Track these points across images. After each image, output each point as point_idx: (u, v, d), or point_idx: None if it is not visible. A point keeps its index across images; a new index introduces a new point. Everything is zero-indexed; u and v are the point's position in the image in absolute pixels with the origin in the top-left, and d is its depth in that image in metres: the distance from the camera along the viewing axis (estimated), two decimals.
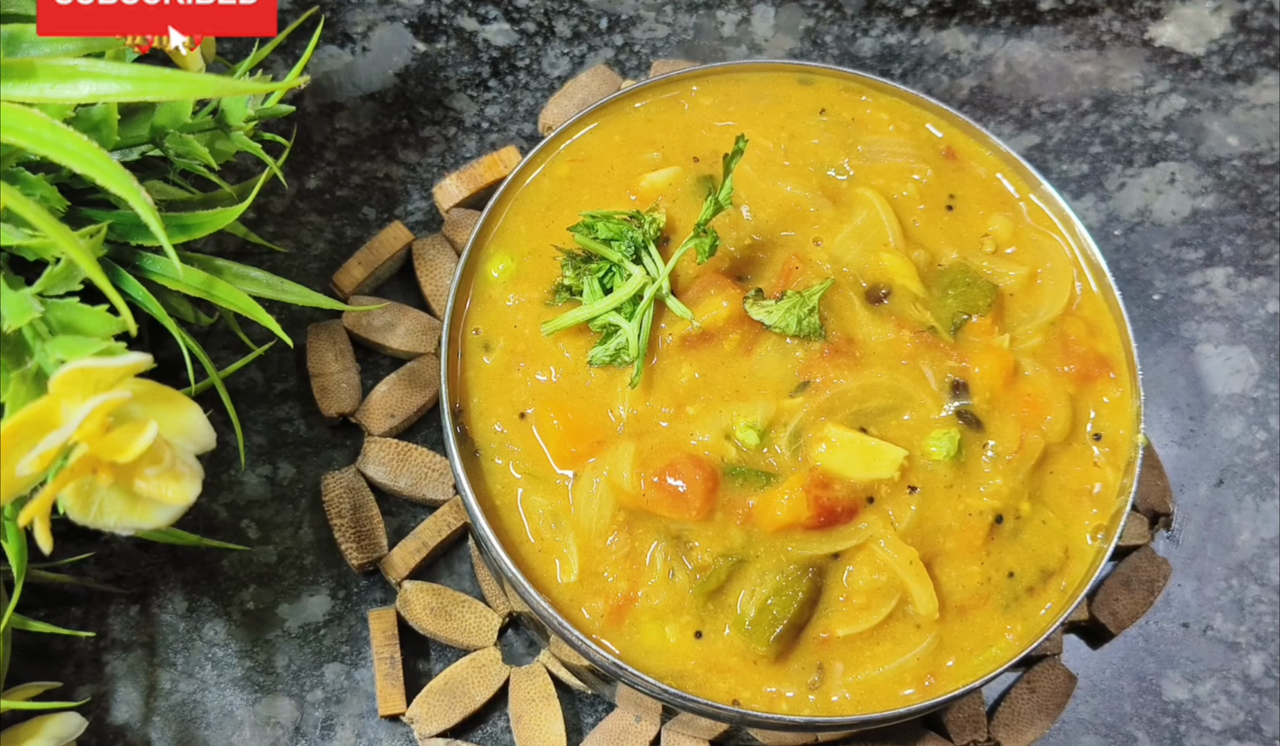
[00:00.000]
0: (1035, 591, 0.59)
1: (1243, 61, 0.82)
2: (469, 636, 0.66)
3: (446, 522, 0.68)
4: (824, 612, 0.58)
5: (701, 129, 0.67)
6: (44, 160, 0.50)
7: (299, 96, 0.76)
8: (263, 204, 0.74)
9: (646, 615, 0.58)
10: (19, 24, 0.53)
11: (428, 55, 0.79)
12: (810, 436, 0.59)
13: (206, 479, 0.49)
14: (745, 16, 0.82)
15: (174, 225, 0.58)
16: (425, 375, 0.71)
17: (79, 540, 0.64)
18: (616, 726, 0.65)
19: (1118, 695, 0.69)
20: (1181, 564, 0.72)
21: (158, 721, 0.65)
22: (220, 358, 0.70)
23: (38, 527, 0.45)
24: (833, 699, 0.57)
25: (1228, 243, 0.78)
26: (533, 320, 0.62)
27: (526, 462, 0.60)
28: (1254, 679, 0.70)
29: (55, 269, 0.50)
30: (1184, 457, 0.74)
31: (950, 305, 0.63)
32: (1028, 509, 0.60)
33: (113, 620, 0.66)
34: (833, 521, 0.58)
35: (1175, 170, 0.80)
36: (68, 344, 0.48)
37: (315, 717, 0.66)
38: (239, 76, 0.61)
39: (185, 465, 0.48)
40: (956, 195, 0.66)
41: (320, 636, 0.67)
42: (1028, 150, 0.80)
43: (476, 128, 0.78)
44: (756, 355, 0.60)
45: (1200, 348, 0.76)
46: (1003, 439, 0.60)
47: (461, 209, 0.75)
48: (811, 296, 0.60)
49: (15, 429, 0.44)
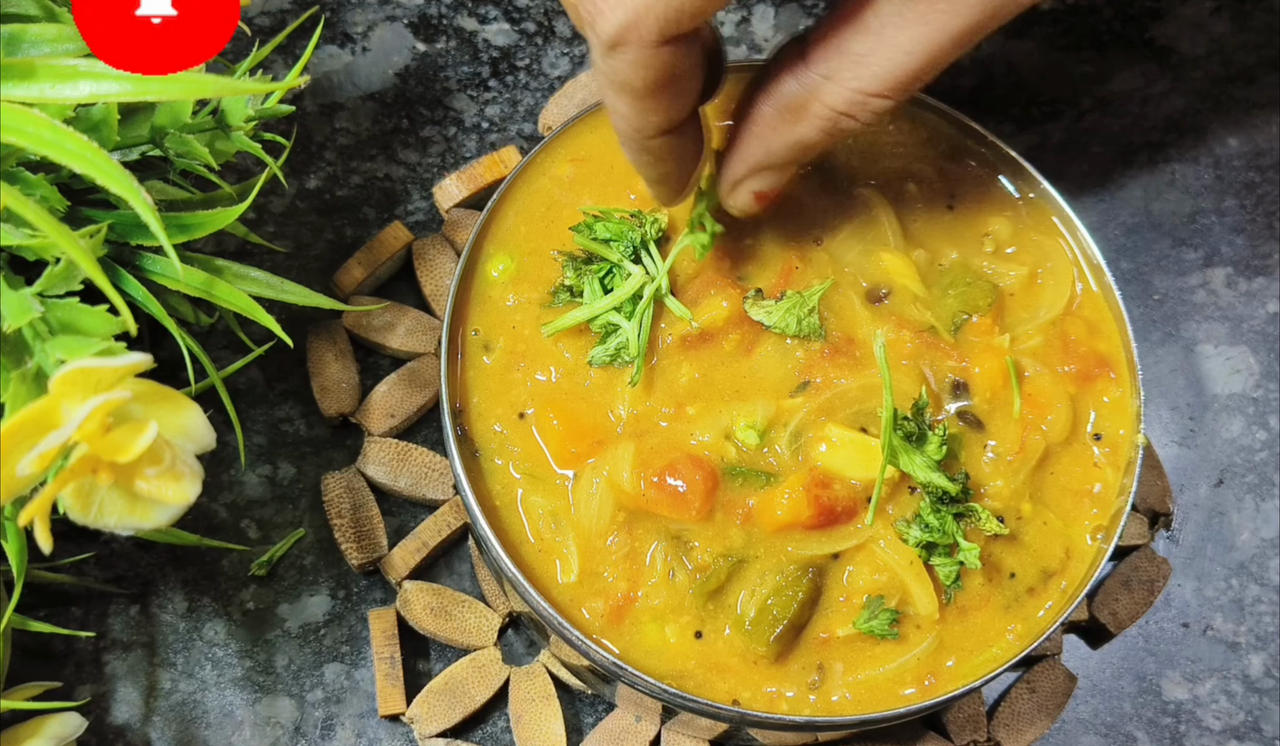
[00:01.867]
0: (1035, 591, 0.59)
1: (1243, 61, 0.82)
2: (469, 636, 0.66)
3: (446, 522, 0.68)
4: (824, 612, 0.58)
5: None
6: (44, 160, 0.50)
7: (299, 96, 0.76)
8: (263, 204, 0.74)
9: (646, 615, 0.58)
10: (19, 24, 0.53)
11: (428, 55, 0.79)
12: (810, 436, 0.59)
13: (206, 479, 0.49)
14: (745, 16, 0.82)
15: (174, 225, 0.58)
16: (425, 375, 0.71)
17: (79, 540, 0.64)
18: (616, 726, 0.65)
19: (1118, 695, 0.69)
20: (1181, 564, 0.72)
21: (158, 721, 0.65)
22: (220, 357, 0.70)
23: (38, 527, 0.45)
24: (833, 699, 0.57)
25: (1228, 243, 0.78)
26: (532, 320, 0.62)
27: (526, 463, 0.60)
28: (1254, 679, 0.70)
29: (55, 269, 0.50)
30: (1184, 457, 0.74)
31: (950, 305, 0.63)
32: (1029, 509, 0.60)
33: (113, 620, 0.66)
34: (833, 521, 0.58)
35: (1175, 170, 0.80)
36: (68, 344, 0.48)
37: (315, 717, 0.66)
38: (239, 76, 0.61)
39: (185, 465, 0.48)
40: (956, 195, 0.66)
41: (320, 636, 0.67)
42: (1028, 150, 0.80)
43: (476, 128, 0.78)
44: (756, 355, 0.60)
45: (1200, 347, 0.76)
46: (1003, 439, 0.60)
47: (461, 209, 0.75)
48: (811, 296, 0.60)
49: (15, 429, 0.44)
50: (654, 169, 0.56)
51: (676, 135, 0.53)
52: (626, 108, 0.51)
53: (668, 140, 0.53)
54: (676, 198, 0.58)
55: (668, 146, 0.54)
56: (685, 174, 0.57)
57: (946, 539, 0.57)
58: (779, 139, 0.54)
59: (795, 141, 0.54)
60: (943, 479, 0.57)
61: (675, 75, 0.50)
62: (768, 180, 0.57)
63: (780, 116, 0.54)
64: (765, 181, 0.57)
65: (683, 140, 0.54)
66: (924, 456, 0.57)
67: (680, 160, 0.56)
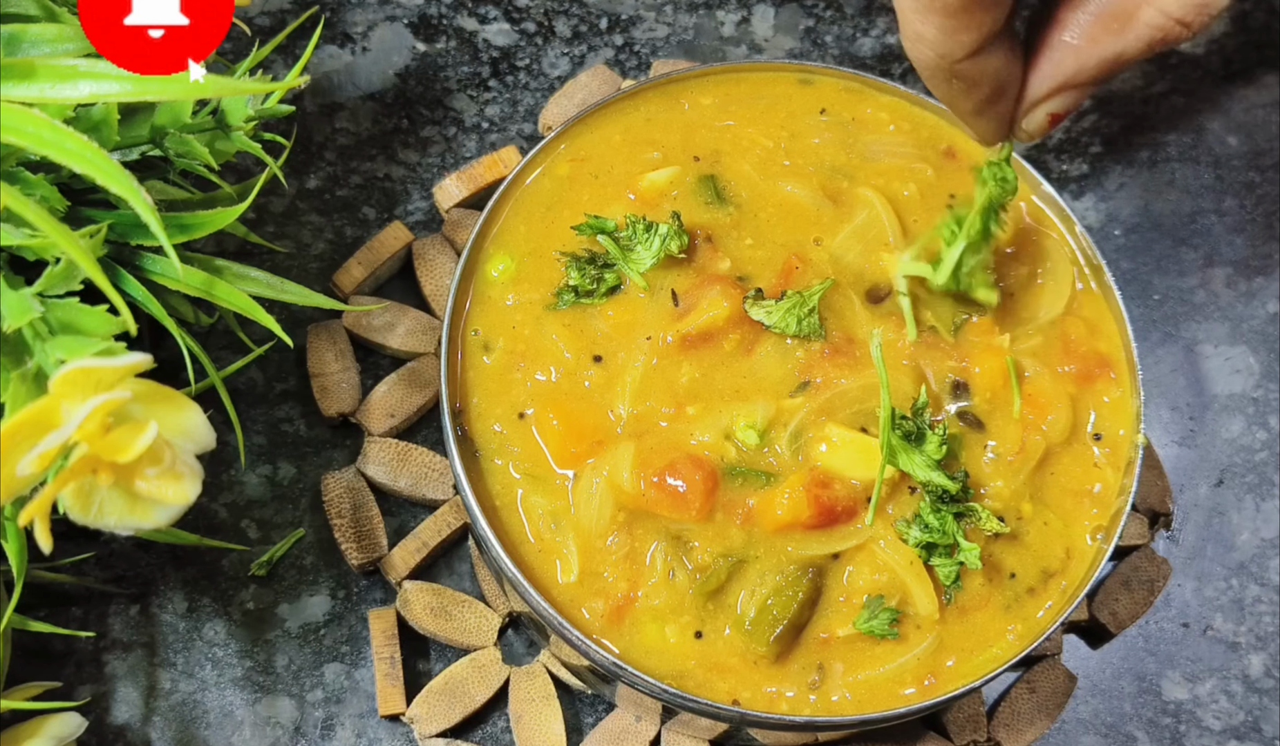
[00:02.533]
0: (1036, 591, 0.59)
1: (1243, 61, 0.82)
2: (469, 636, 0.66)
3: (446, 522, 0.68)
4: (824, 612, 0.58)
5: (701, 129, 0.67)
6: (44, 160, 0.50)
7: (299, 96, 0.76)
8: (263, 204, 0.74)
9: (646, 615, 0.58)
10: (19, 24, 0.53)
11: (428, 55, 0.79)
12: (810, 436, 0.59)
13: (206, 479, 0.49)
14: (745, 16, 0.82)
15: (174, 225, 0.58)
16: (425, 375, 0.71)
17: (79, 540, 0.64)
18: (616, 726, 0.65)
19: (1118, 695, 0.69)
20: (1181, 564, 0.72)
21: (158, 721, 0.65)
22: (220, 357, 0.70)
23: (38, 527, 0.45)
24: (833, 699, 0.57)
25: (1228, 243, 0.78)
26: (532, 320, 0.62)
27: (526, 463, 0.60)
28: (1254, 679, 0.70)
29: (55, 269, 0.50)
30: (1184, 457, 0.74)
31: (950, 305, 0.63)
32: (1029, 509, 0.60)
33: (113, 620, 0.66)
34: (833, 521, 0.58)
35: (1175, 170, 0.80)
36: (68, 344, 0.48)
37: (315, 717, 0.66)
38: (239, 76, 0.61)
39: (185, 465, 0.48)
40: (957, 195, 0.66)
41: (320, 636, 0.67)
42: (1028, 150, 0.80)
43: (476, 128, 0.78)
44: (756, 355, 0.60)
45: (1200, 347, 0.76)
46: (1004, 439, 0.60)
47: (461, 209, 0.75)
48: (811, 296, 0.60)
49: (15, 429, 0.44)
50: (969, 98, 0.49)
51: (992, 52, 0.47)
52: (935, 29, 0.45)
53: (982, 60, 0.47)
54: (1001, 132, 0.52)
55: (984, 68, 0.47)
56: (1008, 99, 0.50)
57: (946, 539, 0.57)
58: (1095, 52, 0.48)
59: (1115, 55, 0.47)
60: (942, 477, 0.57)
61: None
62: (1069, 99, 0.51)
63: (1101, 25, 0.47)
64: (1067, 101, 0.51)
65: (1000, 57, 0.48)
66: (923, 455, 0.57)
67: (1000, 83, 0.49)
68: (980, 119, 0.51)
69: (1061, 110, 0.52)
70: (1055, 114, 0.52)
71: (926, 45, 0.47)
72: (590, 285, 0.62)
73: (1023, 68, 0.50)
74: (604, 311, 0.62)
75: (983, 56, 0.47)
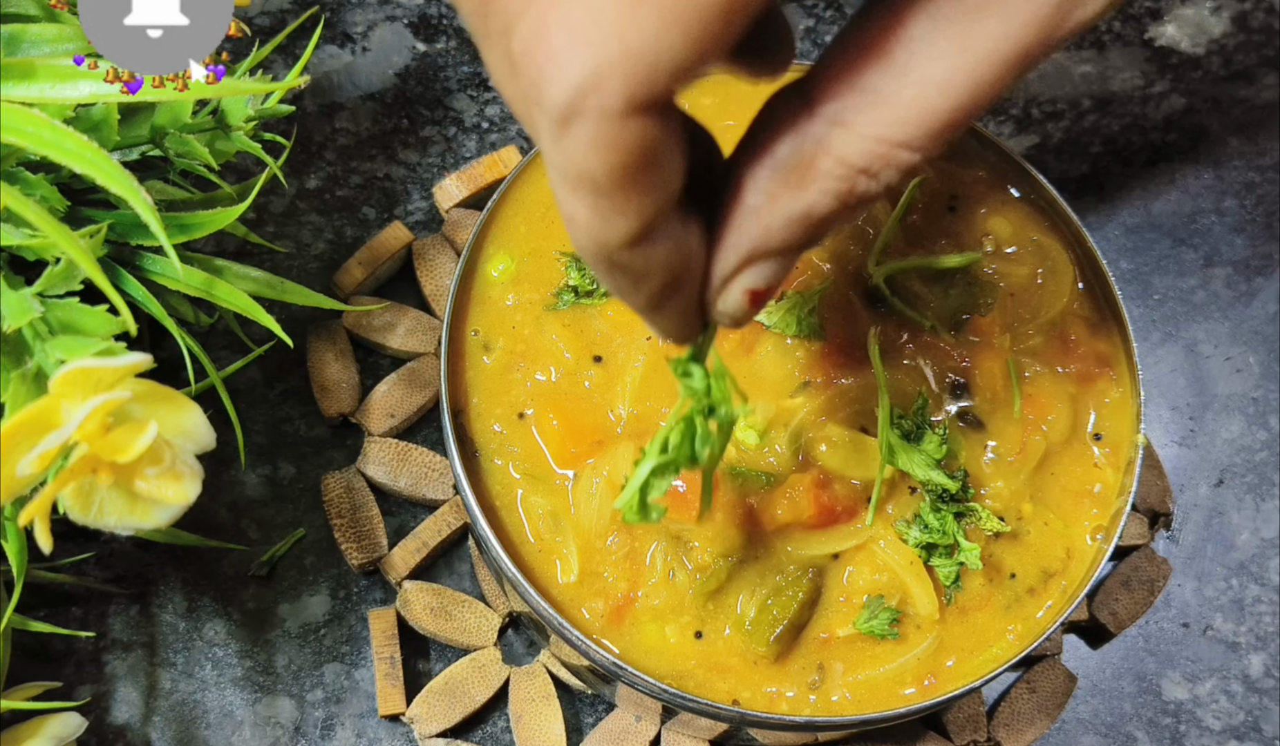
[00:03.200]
0: (1036, 591, 0.59)
1: (1243, 61, 0.82)
2: (469, 636, 0.66)
3: (446, 522, 0.68)
4: (824, 612, 0.58)
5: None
6: (44, 160, 0.50)
7: (299, 96, 0.76)
8: (263, 204, 0.74)
9: (646, 615, 0.58)
10: (19, 24, 0.53)
11: (428, 55, 0.79)
12: (810, 436, 0.59)
13: (206, 479, 0.49)
14: None
15: (174, 225, 0.58)
16: (425, 375, 0.71)
17: (79, 540, 0.64)
18: (616, 726, 0.65)
19: (1118, 695, 0.69)
20: (1181, 564, 0.72)
21: (158, 721, 0.65)
22: (220, 357, 0.70)
23: (38, 527, 0.45)
24: (833, 699, 0.57)
25: (1228, 243, 0.78)
26: (532, 320, 0.62)
27: (526, 463, 0.60)
28: (1254, 679, 0.70)
29: (55, 269, 0.50)
30: (1184, 457, 0.74)
31: (950, 305, 0.63)
32: (1029, 510, 0.60)
33: (113, 620, 0.66)
34: (833, 521, 0.58)
35: (1175, 170, 0.80)
36: (68, 344, 0.48)
37: (315, 717, 0.66)
38: (239, 76, 0.61)
39: (185, 465, 0.48)
40: (957, 195, 0.66)
41: (320, 636, 0.67)
42: (1028, 150, 0.80)
43: (476, 128, 0.78)
44: (756, 355, 0.60)
45: (1200, 347, 0.76)
46: (1004, 439, 0.60)
47: (461, 209, 0.75)
48: (811, 296, 0.60)
49: (15, 429, 0.44)
50: (638, 292, 0.40)
51: (660, 238, 0.38)
52: (587, 210, 0.36)
53: (648, 248, 0.38)
54: (688, 328, 0.43)
55: (650, 257, 0.38)
56: (690, 289, 0.41)
57: (947, 539, 0.57)
58: (779, 211, 0.40)
59: (801, 214, 0.40)
60: (941, 476, 0.57)
61: (651, 158, 0.35)
62: (765, 272, 0.41)
63: (779, 181, 0.40)
64: (763, 274, 0.41)
65: (670, 243, 0.39)
66: (923, 455, 0.57)
67: (673, 273, 0.40)
68: (660, 315, 0.42)
69: (762, 285, 0.42)
70: (755, 290, 0.42)
71: (579, 229, 0.37)
72: (590, 285, 0.62)
73: (705, 247, 0.41)
74: (604, 311, 0.62)
75: (648, 244, 0.38)
